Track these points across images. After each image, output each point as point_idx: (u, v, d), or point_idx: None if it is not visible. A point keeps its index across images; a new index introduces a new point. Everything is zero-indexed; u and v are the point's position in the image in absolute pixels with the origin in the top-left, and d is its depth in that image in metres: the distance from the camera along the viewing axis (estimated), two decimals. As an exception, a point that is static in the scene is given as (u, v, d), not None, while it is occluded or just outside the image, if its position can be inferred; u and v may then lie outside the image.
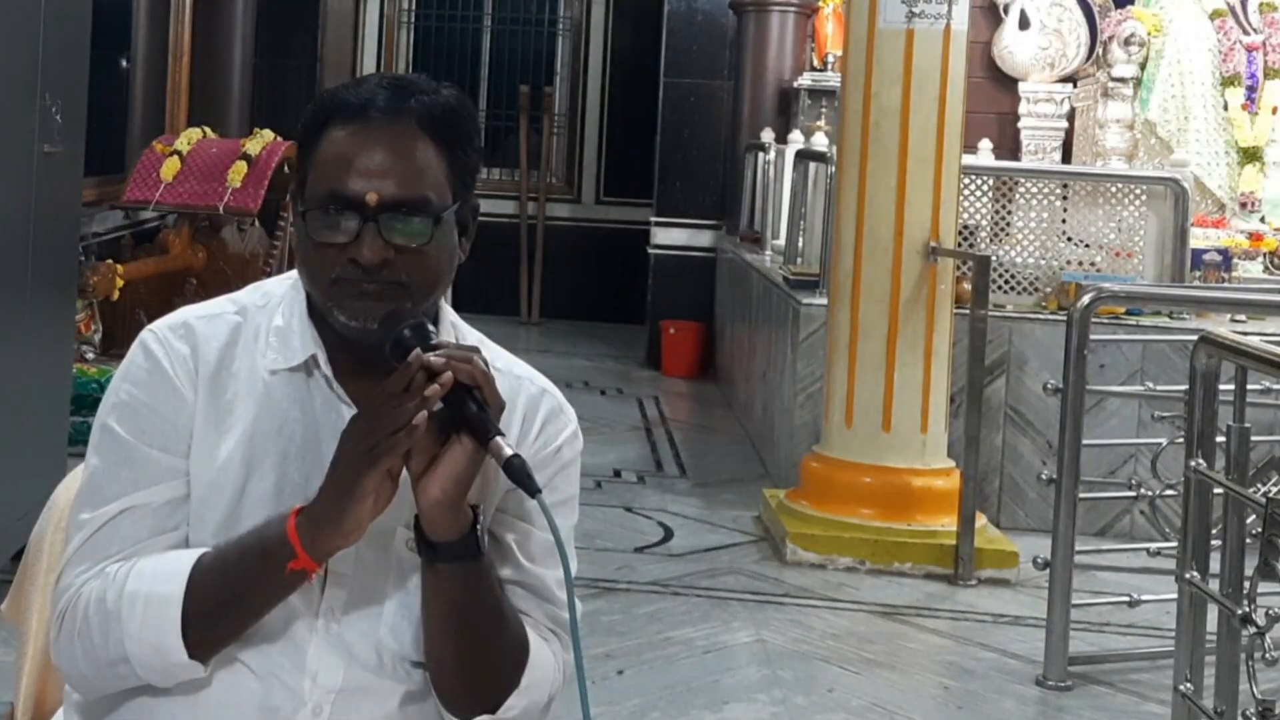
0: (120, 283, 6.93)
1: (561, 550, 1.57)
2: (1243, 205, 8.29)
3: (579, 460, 1.77)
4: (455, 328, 1.74)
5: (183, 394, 1.66)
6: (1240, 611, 3.18)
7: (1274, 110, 8.37)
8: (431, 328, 1.61)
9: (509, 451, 1.53)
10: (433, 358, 1.55)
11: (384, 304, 1.61)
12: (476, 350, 1.59)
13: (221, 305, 1.73)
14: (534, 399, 1.73)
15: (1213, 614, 3.44)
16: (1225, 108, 8.44)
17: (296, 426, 1.66)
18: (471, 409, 1.55)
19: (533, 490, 1.53)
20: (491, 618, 1.62)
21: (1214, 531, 3.50)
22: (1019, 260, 6.53)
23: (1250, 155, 8.34)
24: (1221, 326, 5.52)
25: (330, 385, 1.67)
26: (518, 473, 1.52)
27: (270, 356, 1.68)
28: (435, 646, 1.63)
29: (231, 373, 1.68)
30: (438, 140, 1.65)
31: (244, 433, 1.65)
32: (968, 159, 6.43)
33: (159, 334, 1.70)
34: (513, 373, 1.74)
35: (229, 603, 1.58)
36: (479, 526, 1.60)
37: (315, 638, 1.63)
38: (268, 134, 7.93)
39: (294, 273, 1.72)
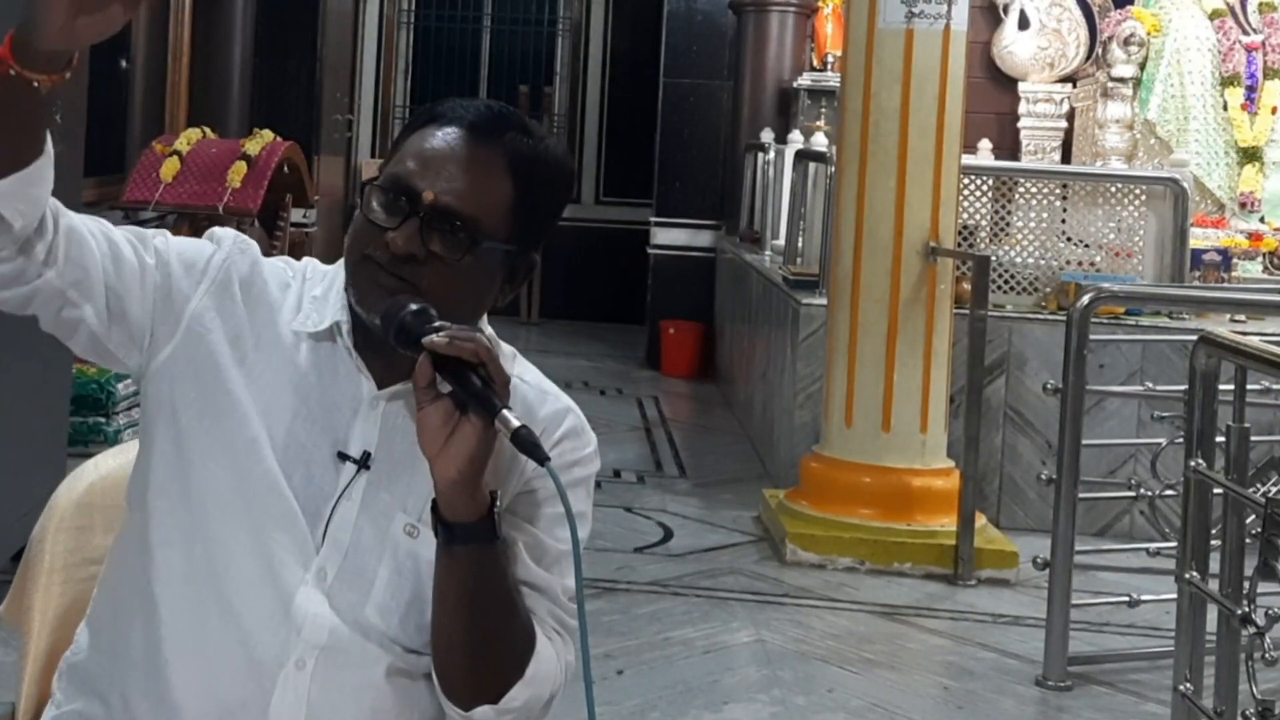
0: (120, 282, 6.90)
1: (571, 519, 1.57)
2: (1242, 205, 8.29)
3: (592, 481, 1.78)
4: (493, 342, 1.75)
5: (185, 275, 1.70)
6: (1240, 611, 3.18)
7: (1273, 110, 8.37)
8: (433, 311, 1.62)
9: (516, 423, 1.54)
10: (436, 338, 1.56)
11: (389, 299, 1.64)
12: (480, 331, 1.61)
13: (286, 262, 1.79)
14: (558, 413, 1.75)
15: (1212, 614, 3.44)
16: (1225, 108, 8.44)
17: (313, 390, 1.69)
18: (476, 385, 1.56)
19: (541, 458, 1.53)
20: (502, 603, 1.63)
21: (1214, 531, 3.50)
22: (1018, 260, 6.53)
23: (1250, 155, 8.34)
24: (1221, 326, 5.52)
25: (350, 355, 1.70)
26: (524, 442, 1.53)
27: (299, 319, 1.71)
28: (444, 630, 1.64)
29: (269, 321, 1.71)
30: (517, 179, 1.68)
31: (266, 383, 1.68)
32: (967, 159, 6.44)
33: (227, 233, 1.76)
34: (541, 388, 1.76)
35: None
36: (496, 510, 1.61)
37: (304, 590, 1.65)
38: (267, 134, 7.92)
39: None
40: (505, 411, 1.55)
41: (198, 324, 1.69)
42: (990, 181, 6.70)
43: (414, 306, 1.61)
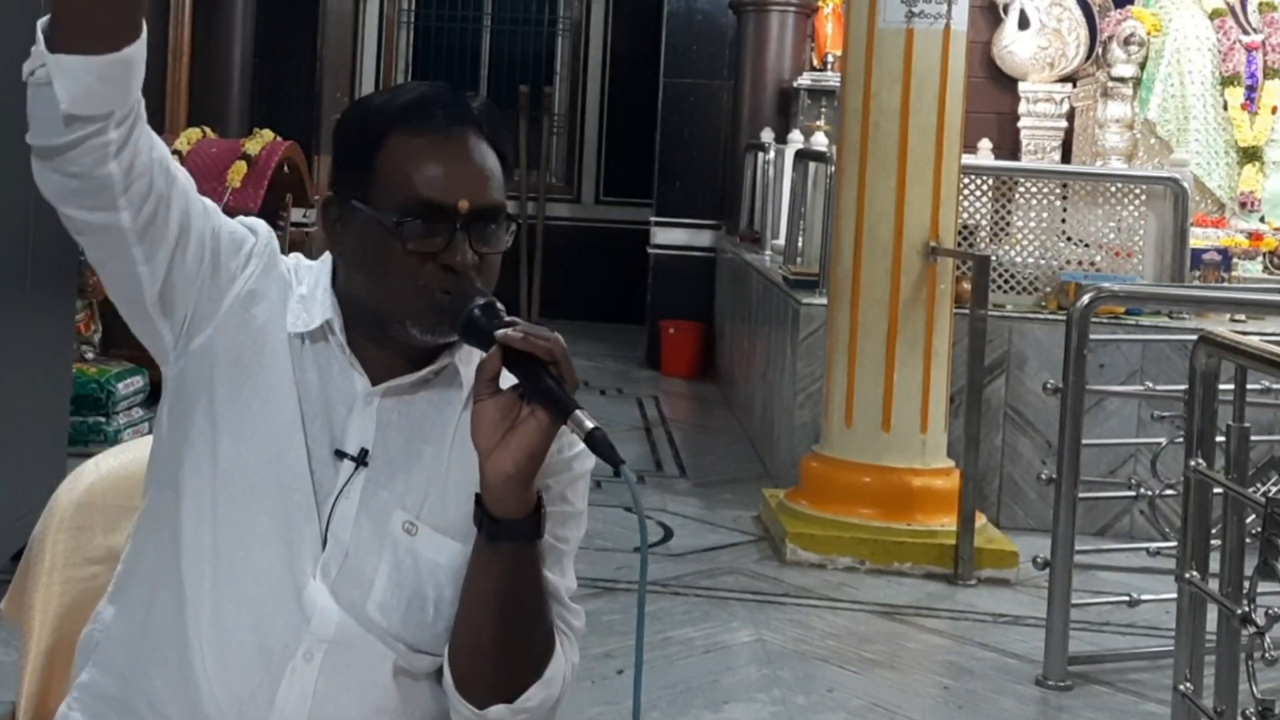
0: (120, 283, 6.90)
1: (642, 524, 1.58)
2: (1242, 205, 8.30)
3: (589, 478, 1.78)
4: None
5: (231, 259, 1.69)
6: (1240, 611, 3.18)
7: (1273, 110, 8.37)
8: (499, 304, 1.63)
9: (590, 424, 1.54)
10: (511, 333, 1.57)
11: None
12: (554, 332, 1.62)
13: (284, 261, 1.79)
14: None
15: (1212, 614, 3.44)
16: (1225, 107, 8.44)
17: (313, 387, 1.69)
18: (549, 383, 1.56)
19: (616, 461, 1.54)
20: (535, 601, 1.64)
21: (1214, 531, 3.50)
22: (1019, 260, 6.53)
23: (1250, 155, 8.34)
24: (1221, 326, 5.52)
25: (344, 352, 1.69)
26: (600, 445, 1.54)
27: (289, 320, 1.71)
28: (473, 627, 1.64)
29: (280, 316, 1.70)
30: (494, 145, 1.69)
31: (280, 390, 1.68)
32: (967, 159, 6.44)
33: (260, 223, 1.74)
34: None
35: None
36: (542, 508, 1.62)
37: (312, 584, 1.65)
38: (267, 134, 7.92)
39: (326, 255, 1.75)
40: (578, 412, 1.55)
41: (242, 308, 1.69)
42: (990, 181, 6.70)
43: (481, 301, 1.62)
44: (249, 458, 1.66)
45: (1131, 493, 5.03)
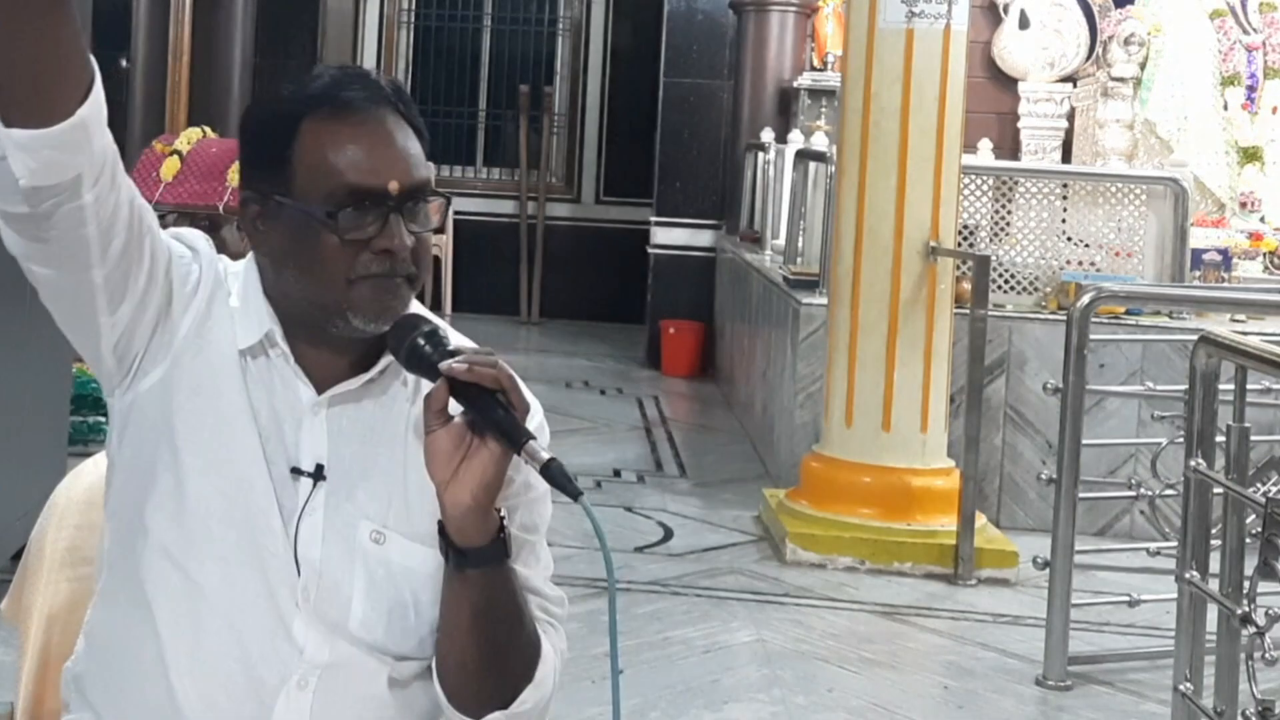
0: (120, 283, 6.90)
1: (605, 547, 1.55)
2: (1242, 205, 8.30)
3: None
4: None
5: (178, 292, 1.63)
6: (1240, 611, 3.18)
7: (1274, 110, 8.38)
8: (443, 331, 1.59)
9: (545, 455, 1.51)
10: (455, 364, 1.54)
11: (398, 302, 1.60)
12: (495, 354, 1.58)
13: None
14: None
15: (1212, 614, 3.44)
16: (1225, 107, 8.45)
17: (263, 407, 1.64)
18: (499, 413, 1.53)
19: (574, 492, 1.50)
20: (514, 617, 1.62)
21: (1214, 531, 3.50)
22: (1019, 260, 6.53)
23: (1250, 155, 8.35)
24: (1221, 326, 5.52)
25: (288, 361, 1.65)
26: (557, 476, 1.51)
27: (232, 335, 1.66)
28: (456, 650, 1.62)
29: (215, 345, 1.65)
30: (409, 122, 1.65)
31: (240, 414, 1.63)
32: (968, 159, 6.43)
33: (199, 239, 1.68)
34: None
35: None
36: (505, 530, 1.59)
37: (299, 614, 1.62)
38: (268, 134, 7.92)
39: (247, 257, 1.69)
40: (533, 443, 1.52)
41: (195, 335, 1.64)
42: (990, 181, 6.70)
43: (425, 328, 1.58)
44: (218, 489, 1.62)
45: (1131, 493, 5.03)
